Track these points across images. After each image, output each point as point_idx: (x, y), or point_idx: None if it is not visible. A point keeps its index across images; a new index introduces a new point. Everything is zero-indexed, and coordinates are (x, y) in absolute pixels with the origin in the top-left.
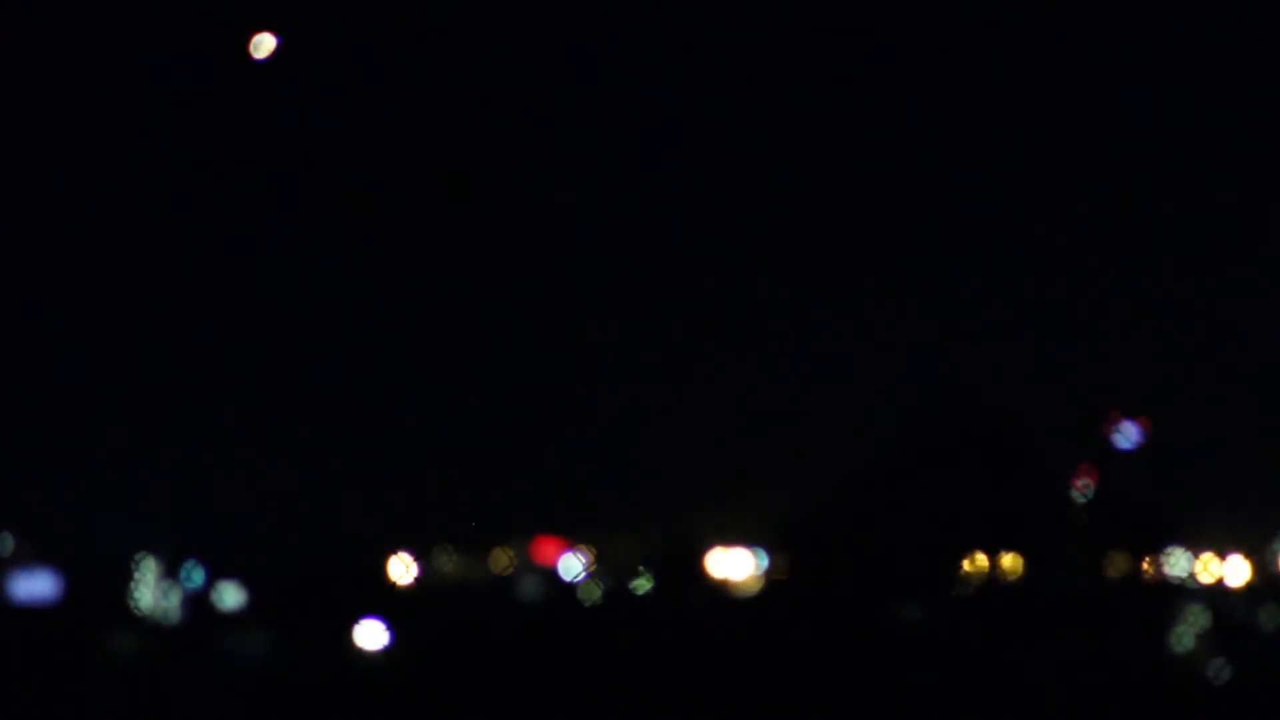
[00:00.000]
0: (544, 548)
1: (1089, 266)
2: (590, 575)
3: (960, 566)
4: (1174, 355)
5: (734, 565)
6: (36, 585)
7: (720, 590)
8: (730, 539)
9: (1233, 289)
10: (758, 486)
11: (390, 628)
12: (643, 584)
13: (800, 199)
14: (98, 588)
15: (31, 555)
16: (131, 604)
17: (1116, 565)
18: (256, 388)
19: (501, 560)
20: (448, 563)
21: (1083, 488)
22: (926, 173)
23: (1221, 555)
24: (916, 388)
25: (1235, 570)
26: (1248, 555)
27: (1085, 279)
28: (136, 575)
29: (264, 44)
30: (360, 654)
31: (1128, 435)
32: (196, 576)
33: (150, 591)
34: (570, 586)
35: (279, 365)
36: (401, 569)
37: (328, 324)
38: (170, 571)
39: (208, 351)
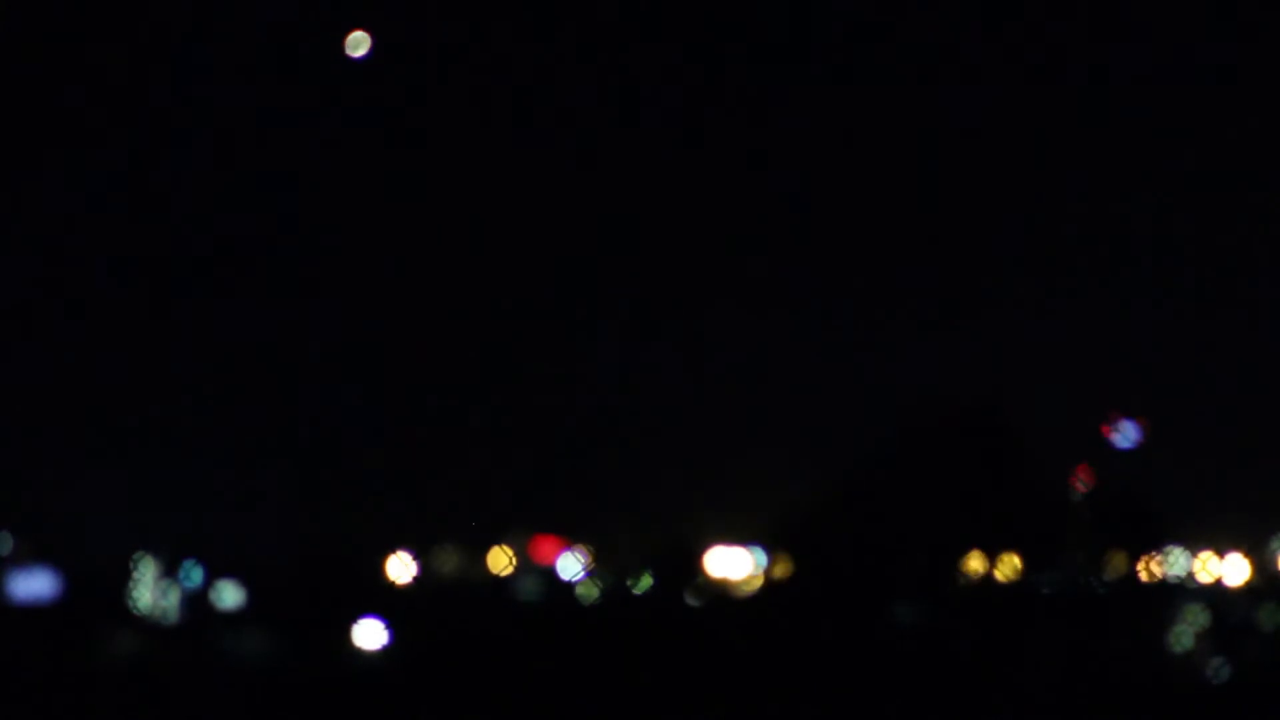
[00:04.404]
0: (542, 547)
1: (1088, 266)
2: (589, 574)
3: (958, 566)
4: (1174, 355)
5: (733, 564)
6: (36, 585)
7: (719, 589)
8: (729, 538)
9: (1232, 288)
10: (757, 486)
11: (389, 627)
12: (642, 583)
13: (799, 199)
14: (97, 587)
15: (31, 555)
16: (130, 603)
17: (1115, 564)
18: (255, 387)
19: (500, 560)
20: (446, 562)
21: (1081, 487)
22: (925, 172)
23: (1220, 554)
24: (915, 387)
25: (1234, 569)
26: (1247, 554)
27: (1085, 278)
28: (135, 575)
29: (360, 43)
30: (359, 653)
31: (1127, 435)
32: (195, 576)
33: (149, 591)
34: (569, 586)
35: (278, 365)
36: (400, 568)
37: (327, 323)
38: (169, 571)
39: (207, 351)
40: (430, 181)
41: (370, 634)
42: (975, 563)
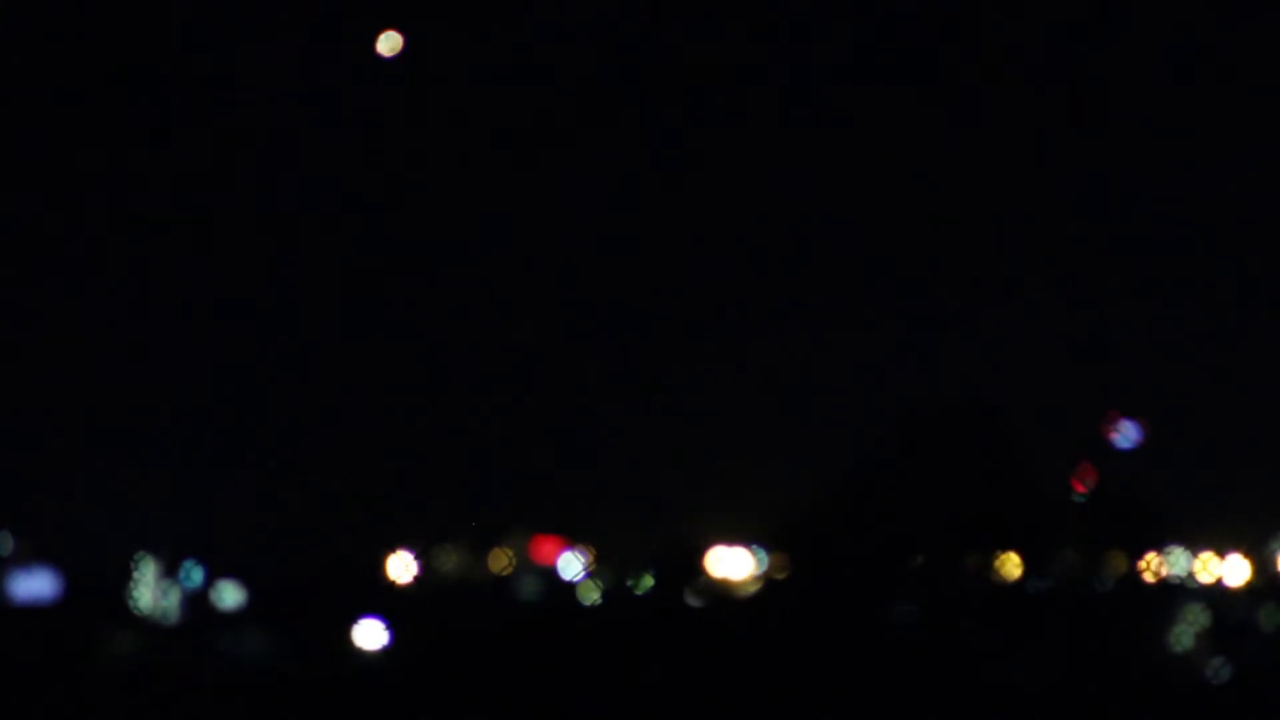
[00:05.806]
0: (543, 547)
1: (1088, 266)
2: (589, 575)
3: (958, 566)
4: (1174, 355)
5: (733, 564)
6: (36, 585)
7: (720, 589)
8: (730, 538)
9: (1232, 289)
10: (757, 486)
11: (389, 627)
12: (643, 584)
13: (798, 201)
14: (97, 587)
15: (31, 555)
16: (131, 603)
17: (1115, 565)
18: (256, 387)
19: (501, 560)
20: (447, 562)
21: (1082, 487)
22: (924, 174)
23: (1221, 554)
24: (915, 387)
25: (1234, 569)
26: (1247, 554)
27: (1085, 279)
28: (136, 575)
29: (391, 41)
30: (359, 653)
31: (1127, 435)
32: (195, 576)
33: (149, 591)
34: (569, 586)
35: (278, 365)
36: (401, 568)
37: (327, 323)
38: (169, 571)
39: (207, 351)
40: (433, 182)
41: (370, 634)
42: (975, 563)
